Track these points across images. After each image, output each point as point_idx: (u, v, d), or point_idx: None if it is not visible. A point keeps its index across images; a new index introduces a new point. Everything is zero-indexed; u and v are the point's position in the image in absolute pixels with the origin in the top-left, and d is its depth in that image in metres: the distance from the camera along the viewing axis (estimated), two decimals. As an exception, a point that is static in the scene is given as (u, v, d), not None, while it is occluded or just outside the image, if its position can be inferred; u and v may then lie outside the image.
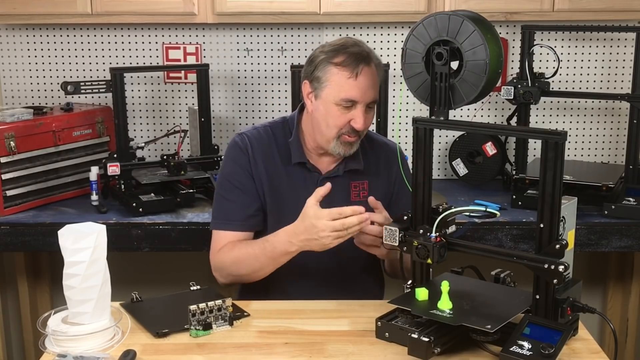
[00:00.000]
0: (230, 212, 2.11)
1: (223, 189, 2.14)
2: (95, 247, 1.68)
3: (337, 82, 1.99)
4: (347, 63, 1.98)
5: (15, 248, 2.69)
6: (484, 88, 1.71)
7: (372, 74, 2.00)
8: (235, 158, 2.13)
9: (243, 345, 1.74)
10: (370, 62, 2.00)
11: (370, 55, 2.01)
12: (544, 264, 1.61)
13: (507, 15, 2.84)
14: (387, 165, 2.19)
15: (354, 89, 1.98)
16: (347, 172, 2.14)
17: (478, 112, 3.11)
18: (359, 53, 1.99)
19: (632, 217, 2.57)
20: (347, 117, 2.01)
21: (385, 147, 2.22)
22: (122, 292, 2.02)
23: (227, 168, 2.15)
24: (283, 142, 2.14)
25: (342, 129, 2.02)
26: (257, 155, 2.12)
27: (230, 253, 2.06)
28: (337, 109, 2.00)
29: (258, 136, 2.15)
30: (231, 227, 2.10)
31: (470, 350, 1.68)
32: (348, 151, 2.07)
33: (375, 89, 2.02)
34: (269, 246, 1.98)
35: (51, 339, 1.71)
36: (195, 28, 3.10)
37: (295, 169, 2.12)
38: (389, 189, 2.18)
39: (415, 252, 1.74)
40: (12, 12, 2.84)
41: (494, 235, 2.57)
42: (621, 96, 2.71)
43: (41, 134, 2.71)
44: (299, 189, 2.10)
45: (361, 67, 1.98)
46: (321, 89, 2.02)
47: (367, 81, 1.99)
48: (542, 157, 1.60)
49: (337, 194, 2.10)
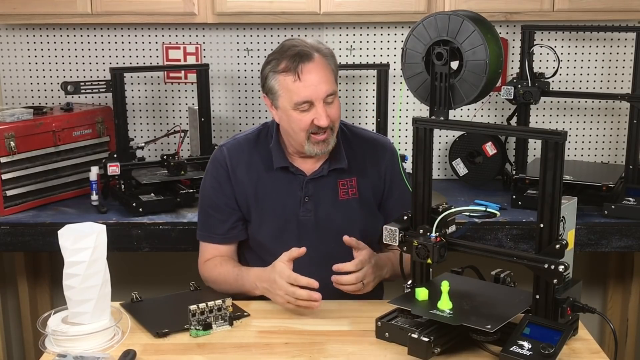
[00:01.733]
0: (212, 226, 2.16)
1: (204, 202, 2.19)
2: (95, 247, 1.68)
3: (286, 89, 2.00)
4: (288, 67, 1.99)
5: (15, 248, 2.69)
6: (484, 88, 1.71)
7: (318, 67, 1.99)
8: (214, 173, 2.16)
9: (243, 345, 1.74)
10: (311, 57, 1.99)
11: (310, 50, 2.00)
12: (544, 264, 1.61)
13: (507, 15, 2.84)
14: (373, 161, 2.17)
15: (303, 90, 1.98)
16: (332, 171, 2.13)
17: (478, 112, 3.11)
18: (296, 53, 1.99)
19: (632, 217, 2.57)
20: (309, 117, 2.01)
21: (372, 142, 2.20)
22: (122, 292, 2.02)
23: (206, 182, 2.19)
24: (265, 148, 2.15)
25: (308, 130, 2.02)
26: (238, 166, 2.13)
27: (213, 271, 2.13)
28: (296, 113, 2.01)
29: (237, 146, 2.16)
30: (214, 240, 2.17)
31: (470, 350, 1.68)
32: (324, 148, 2.06)
33: (327, 81, 2.00)
34: (240, 280, 2.05)
35: (51, 339, 1.71)
36: (195, 28, 3.10)
37: (279, 173, 2.12)
38: (378, 185, 2.17)
39: (415, 252, 1.74)
40: (12, 12, 2.84)
41: (494, 235, 2.57)
42: (621, 96, 2.71)
43: (41, 134, 2.71)
44: (285, 193, 2.11)
45: (301, 66, 1.98)
46: (277, 100, 2.04)
47: (314, 77, 1.98)
48: (542, 157, 1.60)
49: (324, 195, 2.11)
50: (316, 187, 2.11)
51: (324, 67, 2.01)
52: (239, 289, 2.05)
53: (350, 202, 2.13)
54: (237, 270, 2.08)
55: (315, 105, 2.00)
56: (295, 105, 2.00)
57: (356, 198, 2.13)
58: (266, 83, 2.06)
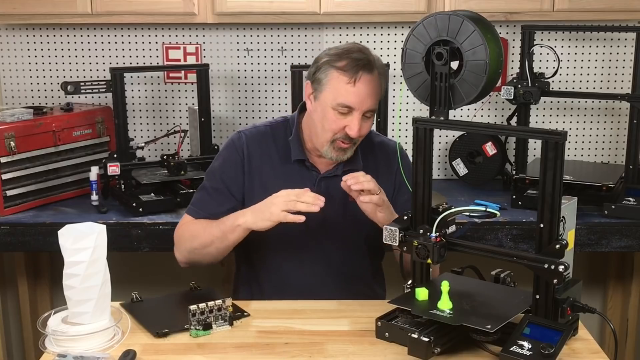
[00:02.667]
0: (204, 204, 2.14)
1: (207, 179, 2.18)
2: (95, 247, 1.68)
3: (335, 86, 1.98)
4: (348, 68, 1.97)
5: (15, 248, 2.69)
6: (484, 88, 1.71)
7: (373, 82, 1.99)
8: (227, 157, 2.15)
9: (243, 345, 1.74)
10: (372, 70, 1.98)
11: (374, 64, 2.00)
12: (544, 264, 1.61)
13: (507, 15, 2.84)
14: (387, 165, 2.18)
15: (351, 95, 1.97)
16: (346, 172, 2.13)
17: (478, 112, 3.11)
18: (361, 59, 1.98)
19: (632, 217, 2.57)
20: (343, 122, 2.00)
21: (385, 146, 2.21)
22: (122, 292, 2.02)
23: (217, 163, 2.17)
24: (283, 140, 2.14)
25: (336, 133, 2.01)
26: (253, 154, 2.12)
27: (190, 226, 2.11)
28: (333, 113, 2.00)
29: (257, 134, 2.15)
30: (199, 216, 2.13)
31: (470, 350, 1.68)
32: (341, 157, 2.06)
33: (374, 97, 2.00)
34: (224, 219, 2.03)
35: (51, 339, 1.71)
36: (195, 28, 3.10)
37: (294, 167, 2.12)
38: (389, 189, 2.17)
39: (415, 252, 1.74)
40: (12, 12, 2.84)
41: (494, 235, 2.57)
42: (621, 96, 2.71)
43: (41, 134, 2.71)
44: (297, 186, 2.09)
45: (360, 73, 1.96)
46: (320, 91, 2.02)
47: (366, 89, 1.97)
48: (542, 157, 1.60)
49: (335, 194, 2.10)
50: (328, 186, 2.11)
51: (377, 84, 2.01)
52: (220, 228, 2.02)
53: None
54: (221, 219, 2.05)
55: (353, 114, 1.99)
56: (337, 105, 1.98)
57: None
58: (317, 72, 2.03)
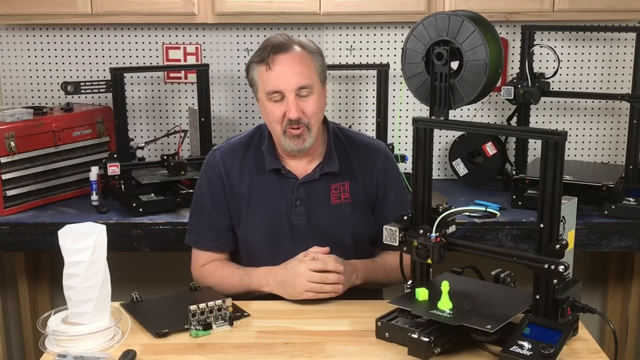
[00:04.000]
0: (202, 232, 2.15)
1: (196, 206, 2.18)
2: (95, 247, 1.68)
3: (260, 79, 2.03)
4: (262, 57, 2.01)
5: (15, 248, 2.69)
6: (484, 88, 1.71)
7: (293, 60, 2.00)
8: (207, 178, 2.16)
9: (243, 345, 1.74)
10: (288, 49, 2.00)
11: (289, 44, 2.01)
12: (544, 264, 1.61)
13: (507, 15, 2.84)
14: (366, 165, 2.15)
15: (272, 79, 2.00)
16: (325, 174, 2.11)
17: (478, 112, 3.11)
18: (274, 44, 2.00)
19: (632, 217, 2.57)
20: (281, 109, 2.01)
21: (365, 146, 2.18)
22: (122, 292, 2.02)
23: (199, 187, 2.18)
24: (258, 150, 2.14)
25: (282, 123, 2.02)
26: (231, 170, 2.13)
27: (213, 275, 2.12)
28: (270, 104, 2.02)
29: (230, 149, 2.16)
30: (204, 247, 2.15)
31: (470, 350, 1.68)
32: (299, 145, 2.04)
33: (300, 73, 2.00)
34: (247, 279, 2.04)
35: (51, 339, 1.71)
36: (195, 28, 3.10)
37: (272, 176, 2.12)
38: (371, 189, 2.15)
39: (415, 252, 1.74)
40: (12, 12, 2.84)
41: (494, 235, 2.57)
42: (621, 96, 2.71)
43: (41, 134, 2.71)
44: (277, 196, 2.10)
45: (272, 57, 1.99)
46: (256, 92, 2.07)
47: (286, 68, 1.99)
48: (542, 157, 1.60)
49: (316, 198, 2.10)
50: (308, 191, 2.10)
51: (301, 60, 2.01)
52: (245, 288, 2.04)
53: (342, 207, 2.12)
54: (241, 271, 2.07)
55: (286, 97, 2.00)
56: (267, 95, 2.01)
57: (348, 202, 2.12)
58: (248, 75, 2.08)
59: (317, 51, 2.08)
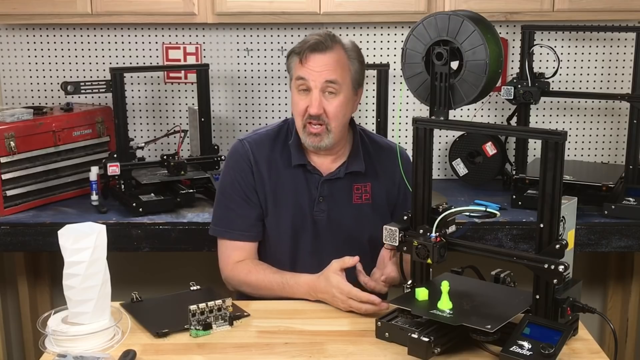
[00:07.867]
0: (233, 221, 2.13)
1: (224, 197, 2.15)
2: (95, 247, 1.68)
3: (293, 68, 2.06)
4: (300, 51, 2.03)
5: (15, 248, 2.68)
6: (484, 88, 1.71)
7: (328, 58, 2.02)
8: (236, 167, 2.14)
9: (243, 345, 1.74)
10: (324, 50, 2.02)
11: (328, 43, 2.03)
12: (544, 264, 1.61)
13: (507, 15, 2.84)
14: (390, 168, 2.18)
15: (302, 70, 2.03)
16: (349, 174, 2.13)
17: (478, 112, 3.11)
18: (312, 43, 2.02)
19: (632, 217, 2.57)
20: (305, 102, 2.03)
21: (388, 149, 2.22)
22: (122, 292, 2.02)
23: (228, 176, 2.16)
24: (284, 144, 2.15)
25: (303, 116, 2.04)
26: (259, 161, 2.13)
27: (249, 276, 2.09)
28: (296, 95, 2.05)
29: (259, 141, 2.15)
30: (235, 237, 2.12)
31: (470, 350, 1.68)
32: (316, 142, 2.06)
33: (332, 70, 2.02)
34: (289, 289, 2.01)
35: (51, 339, 1.71)
36: (195, 28, 3.10)
37: (297, 170, 2.13)
38: (392, 192, 2.18)
39: (415, 252, 1.74)
40: (12, 12, 2.84)
41: (494, 235, 2.57)
42: (621, 96, 2.71)
43: (41, 134, 2.71)
44: (301, 190, 2.11)
45: (307, 53, 2.01)
46: (290, 80, 2.10)
47: (318, 64, 2.01)
48: (542, 157, 1.60)
49: (338, 196, 2.11)
50: (331, 188, 2.12)
51: (336, 59, 2.03)
52: (286, 295, 2.02)
53: (362, 207, 2.14)
54: (280, 278, 2.04)
55: (312, 92, 2.02)
56: (296, 81, 2.04)
57: (369, 203, 2.14)
58: (287, 62, 2.11)
59: (357, 57, 2.09)
